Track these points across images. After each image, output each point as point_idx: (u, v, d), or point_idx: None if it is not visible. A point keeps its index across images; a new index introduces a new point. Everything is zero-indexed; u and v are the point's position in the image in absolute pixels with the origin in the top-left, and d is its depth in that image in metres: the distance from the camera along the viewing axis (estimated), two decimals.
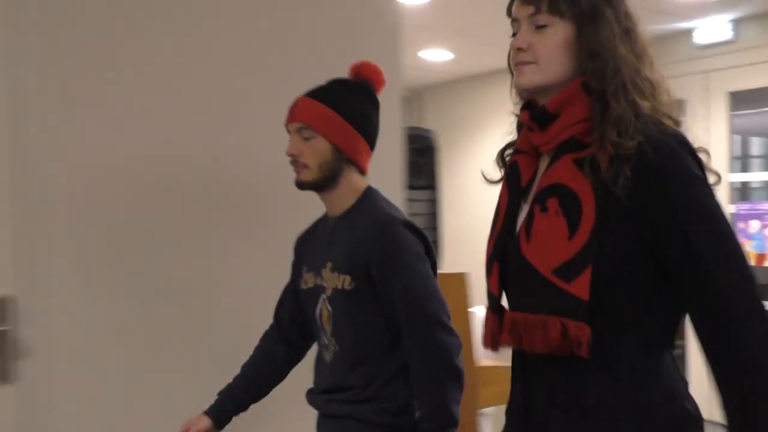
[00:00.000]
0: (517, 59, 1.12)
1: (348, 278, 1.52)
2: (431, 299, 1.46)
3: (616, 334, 1.07)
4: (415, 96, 6.15)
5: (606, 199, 1.03)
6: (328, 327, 1.55)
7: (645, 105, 1.06)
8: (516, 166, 1.15)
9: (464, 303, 2.56)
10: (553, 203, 1.08)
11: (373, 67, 1.63)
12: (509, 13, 1.14)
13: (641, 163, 1.01)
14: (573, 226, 1.05)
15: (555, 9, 1.08)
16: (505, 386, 2.79)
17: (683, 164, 1.02)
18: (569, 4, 1.07)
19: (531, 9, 1.09)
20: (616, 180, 1.01)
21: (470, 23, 4.51)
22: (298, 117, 1.56)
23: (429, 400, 1.44)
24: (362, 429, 1.50)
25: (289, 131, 1.57)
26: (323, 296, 1.56)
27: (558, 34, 1.08)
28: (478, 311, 2.89)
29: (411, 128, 2.00)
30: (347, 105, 1.57)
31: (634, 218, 1.03)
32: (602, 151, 1.03)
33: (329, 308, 1.56)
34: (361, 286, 1.50)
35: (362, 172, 1.60)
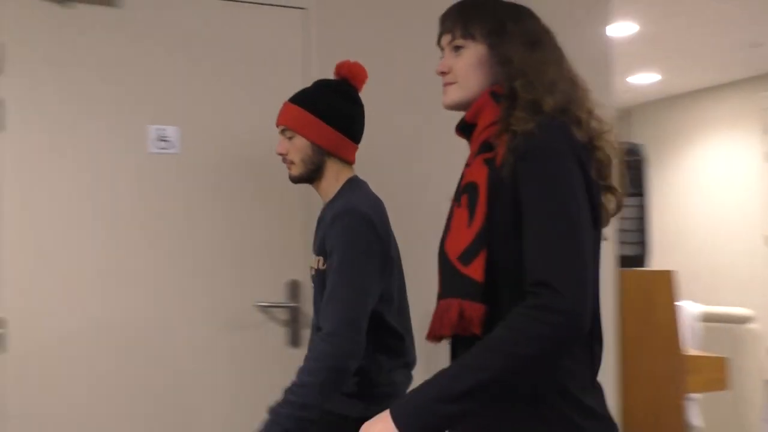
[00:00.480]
0: (443, 82, 1.23)
1: (321, 259, 1.68)
2: (345, 286, 1.57)
3: (501, 316, 1.05)
4: (624, 115, 6.30)
5: (497, 188, 1.09)
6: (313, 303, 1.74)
7: (548, 102, 1.11)
8: (462, 175, 1.20)
9: (672, 298, 2.69)
10: (464, 199, 1.14)
11: (350, 65, 1.77)
12: (438, 44, 1.26)
13: (518, 149, 1.07)
14: (471, 215, 1.11)
15: (467, 33, 1.19)
16: (709, 374, 2.84)
17: (544, 142, 1.07)
18: (478, 27, 1.18)
19: (449, 36, 1.22)
20: (504, 168, 1.08)
21: (677, 48, 4.64)
22: (280, 120, 1.76)
23: (301, 384, 1.50)
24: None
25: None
26: (312, 275, 1.75)
27: (472, 55, 1.19)
28: (685, 305, 3.00)
29: (623, 143, 2.18)
30: (321, 104, 1.73)
31: (513, 198, 1.08)
32: (499, 145, 1.10)
33: (312, 286, 1.74)
34: (328, 266, 1.63)
35: (348, 162, 1.77)
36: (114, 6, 2.16)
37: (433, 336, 1.17)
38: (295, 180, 1.80)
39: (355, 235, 1.61)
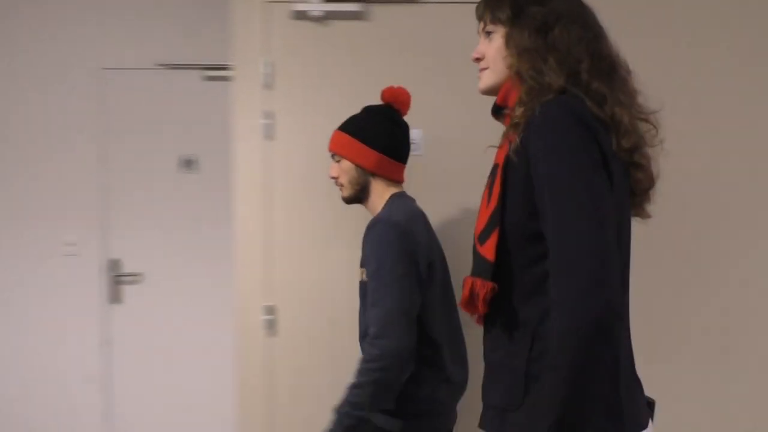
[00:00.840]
0: (479, 68, 1.26)
1: (364, 270, 1.74)
2: (385, 293, 1.64)
3: (519, 295, 1.11)
4: None
5: (510, 169, 1.11)
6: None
7: (555, 82, 1.11)
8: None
9: None
10: (489, 180, 1.18)
11: (393, 91, 1.90)
12: (477, 32, 1.28)
13: (527, 129, 1.08)
14: (489, 196, 1.14)
15: (495, 18, 1.22)
16: None
17: (546, 125, 1.07)
18: (503, 12, 1.20)
19: (482, 24, 1.26)
20: (513, 149, 1.09)
21: None
22: (330, 147, 1.90)
23: (356, 385, 1.63)
24: None
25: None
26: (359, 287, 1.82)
27: (499, 38, 1.21)
28: None
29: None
30: (363, 129, 1.86)
31: (527, 180, 1.08)
32: (512, 125, 1.12)
33: (359, 297, 1.82)
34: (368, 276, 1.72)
35: (393, 180, 1.88)
36: (364, 20, 2.28)
37: (464, 307, 1.20)
38: (346, 200, 1.94)
39: (384, 242, 1.70)
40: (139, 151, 3.49)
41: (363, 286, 1.80)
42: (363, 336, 1.79)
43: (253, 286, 2.29)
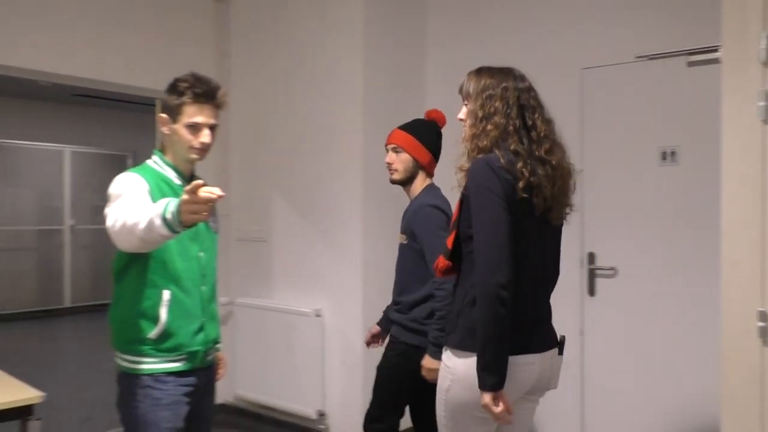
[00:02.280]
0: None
1: (404, 236, 2.66)
2: (438, 253, 2.12)
3: (464, 271, 1.96)
4: None
5: (463, 197, 1.93)
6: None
7: (481, 143, 1.91)
8: None
9: None
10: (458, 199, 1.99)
11: (436, 113, 2.78)
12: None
13: (467, 177, 1.90)
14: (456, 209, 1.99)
15: (464, 95, 2.04)
16: None
17: (474, 174, 1.86)
18: (466, 92, 2.02)
19: (462, 95, 2.05)
20: (464, 186, 1.93)
21: None
22: (393, 140, 2.71)
23: (439, 318, 2.45)
24: (400, 330, 2.67)
25: (387, 149, 2.73)
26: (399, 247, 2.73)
27: (465, 109, 2.04)
28: None
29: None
30: (422, 134, 2.70)
31: (468, 205, 1.88)
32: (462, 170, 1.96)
33: (398, 254, 2.74)
34: (409, 242, 2.62)
35: (429, 175, 2.73)
36: None
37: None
38: (394, 182, 2.73)
39: (431, 219, 2.53)
40: (618, 147, 3.42)
41: (402, 247, 2.69)
42: (399, 291, 2.71)
43: (746, 289, 1.99)
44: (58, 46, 3.77)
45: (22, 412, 2.09)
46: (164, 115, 2.11)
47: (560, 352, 2.08)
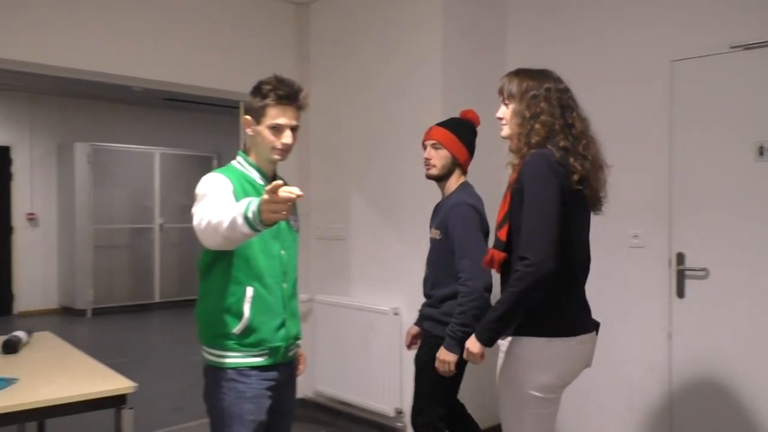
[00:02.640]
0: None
1: (438, 232, 2.71)
2: (469, 249, 2.55)
3: (516, 261, 2.00)
4: None
5: (514, 189, 2.05)
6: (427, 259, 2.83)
7: (535, 139, 2.04)
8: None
9: None
10: (505, 192, 2.12)
11: (472, 113, 2.84)
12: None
13: (521, 169, 2.04)
14: (504, 202, 2.09)
15: (509, 95, 2.15)
16: None
17: (532, 168, 2.00)
18: (512, 93, 2.14)
19: (501, 97, 2.18)
20: (516, 180, 2.06)
21: None
22: (433, 136, 2.78)
23: (460, 312, 2.56)
24: (433, 324, 2.73)
25: (425, 145, 2.81)
26: (431, 242, 2.79)
27: (510, 108, 2.16)
28: None
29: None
30: (461, 132, 2.76)
31: (521, 197, 2.01)
32: (515, 165, 2.11)
33: (430, 249, 2.80)
34: (443, 237, 2.67)
35: (464, 172, 2.81)
36: None
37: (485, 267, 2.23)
38: (430, 177, 2.81)
39: (466, 217, 2.63)
40: (710, 141, 3.25)
41: (436, 243, 2.75)
42: (432, 285, 2.78)
43: None
44: (149, 54, 3.93)
45: (116, 401, 2.19)
46: (248, 117, 2.15)
47: (597, 333, 2.26)
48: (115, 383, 2.25)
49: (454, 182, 2.77)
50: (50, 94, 8.89)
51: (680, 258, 3.34)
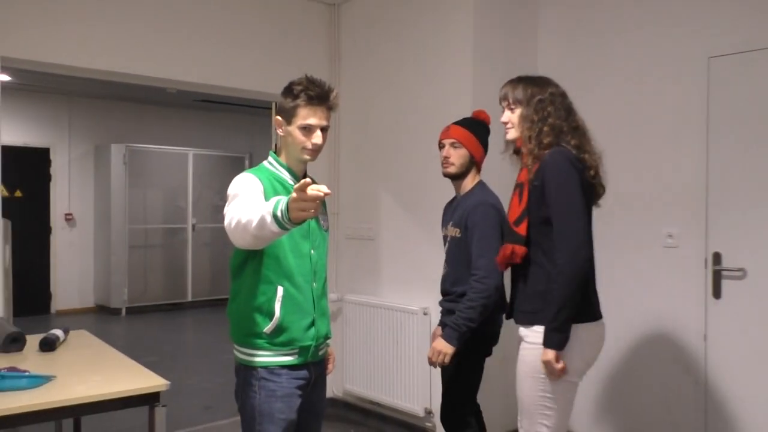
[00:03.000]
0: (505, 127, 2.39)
1: (458, 230, 2.73)
2: (488, 248, 2.57)
3: (538, 254, 2.21)
4: None
5: (532, 186, 2.21)
6: (446, 258, 2.83)
7: (547, 140, 2.21)
8: (518, 177, 2.35)
9: None
10: (517, 190, 2.29)
11: (483, 113, 2.88)
12: (500, 104, 2.41)
13: (541, 167, 2.19)
14: (520, 199, 2.25)
15: (515, 100, 2.32)
16: None
17: (554, 165, 2.16)
18: (519, 98, 2.31)
19: (505, 102, 2.36)
20: (535, 177, 2.20)
21: None
22: (452, 135, 2.80)
23: (468, 307, 2.59)
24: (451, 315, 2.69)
25: (442, 143, 2.83)
26: (447, 240, 2.82)
27: (517, 112, 2.33)
28: None
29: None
30: (478, 131, 2.80)
31: (541, 192, 2.18)
32: (532, 163, 2.24)
33: (448, 247, 2.81)
34: (463, 235, 2.70)
35: (479, 171, 2.83)
36: None
37: (501, 264, 2.36)
38: (447, 176, 2.83)
39: (488, 217, 2.66)
40: (748, 139, 3.16)
41: (455, 240, 2.75)
42: (453, 282, 2.77)
43: None
44: (183, 56, 3.98)
45: (150, 399, 2.21)
46: (279, 118, 2.16)
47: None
48: (148, 381, 2.27)
49: (470, 181, 2.80)
50: (87, 97, 9.07)
51: (716, 258, 3.26)
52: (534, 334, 2.21)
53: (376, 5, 4.40)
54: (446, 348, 2.60)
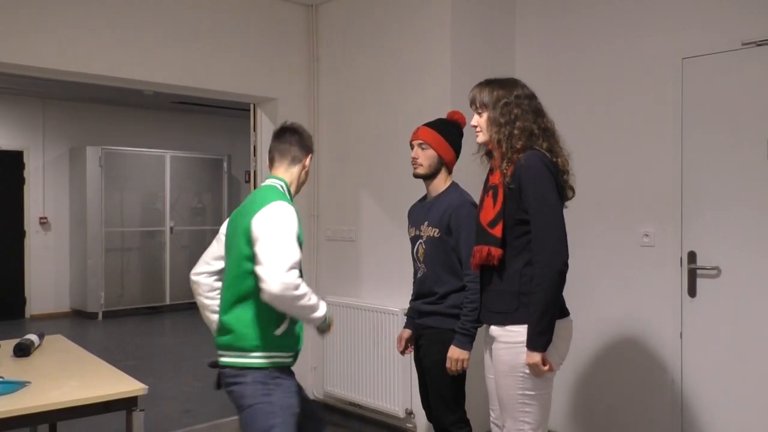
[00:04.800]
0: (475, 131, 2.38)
1: (437, 230, 2.71)
2: (471, 244, 2.43)
3: (511, 255, 2.23)
4: None
5: (507, 189, 2.21)
6: (421, 258, 2.78)
7: (518, 144, 2.23)
8: (487, 179, 2.38)
9: None
10: (491, 192, 2.28)
11: (457, 114, 2.86)
12: (470, 106, 2.41)
13: (516, 170, 2.20)
14: (495, 202, 2.24)
15: (482, 104, 2.33)
16: None
17: (531, 168, 2.17)
18: (486, 101, 2.32)
19: (473, 106, 2.37)
20: (511, 180, 2.20)
21: None
22: (420, 136, 2.80)
23: (472, 309, 2.58)
24: (441, 319, 2.70)
25: (412, 144, 2.82)
26: (420, 241, 2.79)
27: (485, 116, 2.33)
28: None
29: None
30: (446, 132, 2.80)
31: (517, 195, 2.19)
32: (506, 166, 2.23)
33: (424, 247, 2.77)
34: (443, 235, 2.69)
35: (450, 172, 2.82)
36: None
37: (474, 265, 2.35)
38: (417, 176, 2.82)
39: (471, 217, 2.53)
40: (722, 139, 3.21)
41: (433, 240, 2.73)
42: (434, 282, 2.74)
43: None
44: (159, 58, 3.94)
45: (127, 403, 2.19)
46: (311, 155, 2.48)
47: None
48: (126, 385, 2.24)
49: (442, 181, 2.80)
50: (62, 99, 8.93)
51: (692, 257, 3.30)
52: (508, 334, 2.21)
53: (354, 7, 4.39)
54: (461, 354, 2.59)
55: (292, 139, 2.42)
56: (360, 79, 4.35)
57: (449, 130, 2.81)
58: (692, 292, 3.30)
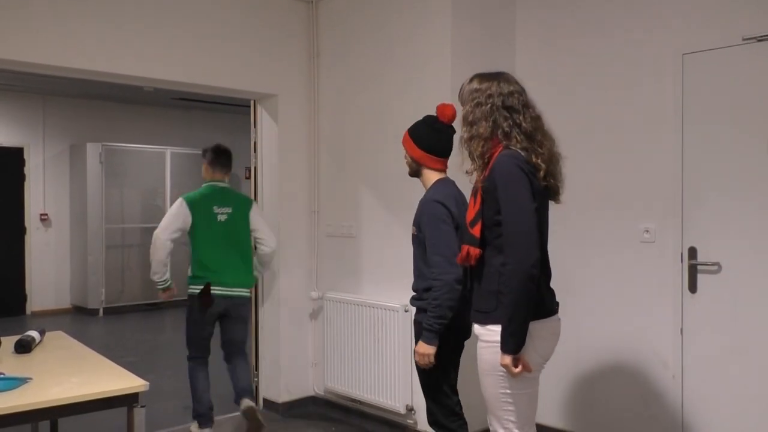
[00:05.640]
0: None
1: (414, 228, 2.78)
2: (438, 245, 2.60)
3: (491, 254, 2.22)
4: None
5: (485, 190, 2.20)
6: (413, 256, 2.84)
7: (478, 147, 2.24)
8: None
9: None
10: (473, 192, 2.28)
11: (444, 105, 2.77)
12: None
13: (491, 170, 2.18)
14: (475, 202, 2.24)
15: (462, 102, 2.34)
16: None
17: (503, 168, 2.14)
18: (466, 101, 2.34)
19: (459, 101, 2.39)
20: (486, 181, 2.20)
21: None
22: (402, 141, 2.88)
23: (435, 306, 2.59)
24: (423, 314, 2.72)
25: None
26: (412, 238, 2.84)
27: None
28: None
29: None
30: (416, 131, 2.82)
31: (493, 196, 2.16)
32: (477, 167, 2.27)
33: (412, 246, 2.83)
34: (418, 233, 2.74)
35: (434, 169, 2.80)
36: None
37: (460, 263, 2.34)
38: (410, 175, 2.91)
39: (433, 213, 2.66)
40: (722, 135, 3.20)
41: (413, 238, 2.79)
42: (417, 275, 2.79)
43: None
44: (160, 54, 3.93)
45: (128, 400, 2.18)
46: None
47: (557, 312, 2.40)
48: (127, 382, 2.24)
49: (429, 180, 2.82)
50: (62, 95, 8.93)
51: (692, 252, 3.29)
52: (488, 333, 2.22)
53: (354, 2, 4.38)
54: (426, 349, 2.62)
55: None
56: (360, 74, 4.34)
57: (420, 128, 2.81)
58: (693, 287, 3.29)
